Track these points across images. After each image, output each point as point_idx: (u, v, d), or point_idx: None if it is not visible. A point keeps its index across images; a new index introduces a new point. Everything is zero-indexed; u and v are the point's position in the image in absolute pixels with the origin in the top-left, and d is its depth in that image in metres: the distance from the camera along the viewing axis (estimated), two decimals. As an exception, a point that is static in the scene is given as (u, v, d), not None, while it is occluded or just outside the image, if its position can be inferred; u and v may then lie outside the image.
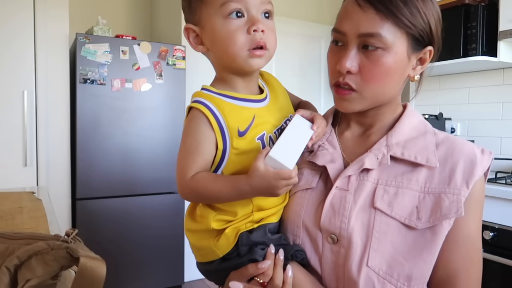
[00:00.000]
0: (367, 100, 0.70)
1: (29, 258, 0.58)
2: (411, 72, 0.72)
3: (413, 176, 0.68)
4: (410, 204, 0.66)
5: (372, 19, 0.64)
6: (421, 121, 0.76)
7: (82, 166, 2.51)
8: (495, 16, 2.09)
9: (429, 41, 0.70)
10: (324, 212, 0.68)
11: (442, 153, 0.69)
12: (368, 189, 0.68)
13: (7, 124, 2.30)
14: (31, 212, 1.42)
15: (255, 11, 0.64)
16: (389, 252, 0.65)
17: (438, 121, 2.50)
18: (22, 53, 2.33)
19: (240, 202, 0.67)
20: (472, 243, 0.67)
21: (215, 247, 0.69)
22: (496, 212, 1.82)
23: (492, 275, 1.84)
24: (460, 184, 0.66)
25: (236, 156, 0.67)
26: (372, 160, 0.69)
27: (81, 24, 3.01)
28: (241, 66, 0.66)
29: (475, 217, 0.68)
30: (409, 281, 0.64)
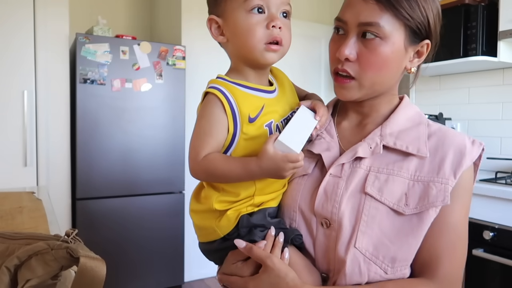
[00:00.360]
0: (365, 88, 0.72)
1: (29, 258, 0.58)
2: (408, 64, 0.74)
3: (404, 165, 0.71)
4: (400, 190, 0.69)
5: (372, 9, 0.68)
6: (417, 113, 0.78)
7: (82, 166, 2.51)
8: (495, 16, 2.09)
9: (427, 34, 0.72)
10: (317, 198, 0.72)
11: (433, 143, 0.72)
12: (360, 176, 0.72)
13: (7, 124, 2.30)
14: (31, 212, 1.42)
15: (275, 9, 0.70)
16: (376, 235, 0.68)
17: (438, 121, 2.50)
18: (22, 53, 2.33)
19: (243, 184, 0.71)
20: (456, 230, 0.69)
21: (217, 227, 0.73)
22: (496, 212, 1.82)
23: (492, 275, 1.84)
24: (448, 173, 0.69)
25: (245, 141, 0.71)
26: (365, 149, 0.73)
27: (81, 24, 3.01)
28: (257, 58, 0.71)
29: (462, 205, 0.70)
30: (393, 262, 0.67)
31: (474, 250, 1.87)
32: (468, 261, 1.95)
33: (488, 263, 1.84)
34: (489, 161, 2.35)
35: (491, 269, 1.84)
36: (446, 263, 0.68)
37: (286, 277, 0.66)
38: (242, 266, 0.71)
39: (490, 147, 2.40)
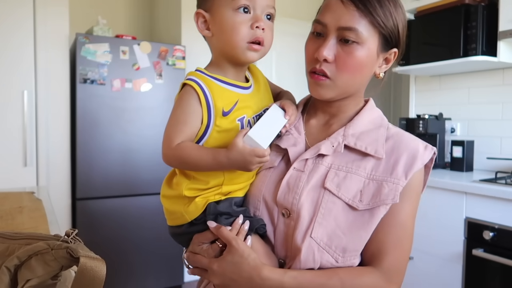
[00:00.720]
0: (338, 88, 0.77)
1: (29, 258, 0.58)
2: (377, 69, 0.80)
3: (362, 164, 0.77)
4: (356, 187, 0.75)
5: (351, 14, 0.72)
6: (379, 116, 0.85)
7: (82, 166, 2.51)
8: (495, 16, 2.09)
9: (396, 43, 0.78)
10: (280, 189, 0.78)
11: (389, 146, 0.78)
12: (322, 172, 0.77)
13: (7, 124, 2.30)
14: (31, 212, 1.42)
15: (260, 11, 0.73)
16: (331, 226, 0.74)
17: (438, 121, 2.50)
18: (22, 52, 2.33)
19: (213, 173, 0.76)
20: (404, 227, 0.76)
21: (185, 212, 0.77)
22: (496, 212, 1.82)
23: (492, 275, 1.84)
24: (400, 174, 0.75)
25: (217, 133, 0.75)
26: (328, 147, 0.78)
27: (81, 24, 3.01)
28: (238, 55, 0.74)
29: (410, 205, 0.77)
30: (344, 252, 0.74)
31: (474, 250, 1.87)
32: (468, 261, 1.96)
33: (488, 263, 1.84)
34: (489, 161, 2.35)
35: (491, 269, 1.84)
36: (392, 256, 0.74)
37: (248, 257, 0.71)
38: (207, 248, 0.76)
39: (490, 147, 2.40)
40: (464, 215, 1.94)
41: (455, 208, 1.97)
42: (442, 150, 2.53)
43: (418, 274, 2.15)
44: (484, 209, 1.86)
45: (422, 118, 2.45)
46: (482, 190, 1.85)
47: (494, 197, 1.82)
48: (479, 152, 2.42)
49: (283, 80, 3.14)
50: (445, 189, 2.01)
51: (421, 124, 2.45)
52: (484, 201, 1.86)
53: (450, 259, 2.00)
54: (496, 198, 1.81)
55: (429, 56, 2.32)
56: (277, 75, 3.26)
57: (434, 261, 2.07)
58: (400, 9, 0.77)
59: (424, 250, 2.12)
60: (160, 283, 2.76)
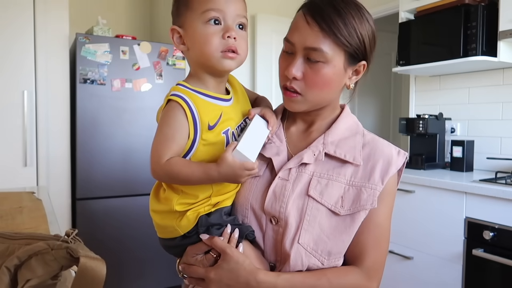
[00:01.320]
0: (310, 102, 0.82)
1: (29, 258, 0.58)
2: (347, 81, 0.84)
3: (342, 171, 0.82)
4: (337, 193, 0.80)
5: (316, 35, 0.76)
6: (354, 122, 0.89)
7: (82, 166, 2.51)
8: (495, 16, 2.09)
9: (363, 57, 0.82)
10: (267, 198, 0.81)
11: (366, 152, 0.84)
12: (305, 180, 0.82)
13: (7, 124, 2.30)
14: (31, 212, 1.42)
15: (231, 22, 0.75)
16: (317, 232, 0.79)
17: (438, 121, 2.50)
18: (22, 53, 2.33)
19: (201, 187, 0.78)
20: (381, 228, 0.82)
21: (178, 226, 0.79)
22: (496, 212, 1.82)
23: (492, 275, 1.84)
24: (377, 180, 0.80)
25: (204, 146, 0.77)
26: (310, 156, 0.82)
27: (81, 24, 3.01)
28: (215, 65, 0.76)
29: (386, 207, 0.82)
30: (329, 256, 0.79)
31: (474, 250, 1.87)
32: (468, 261, 1.95)
33: (488, 263, 1.84)
34: (489, 161, 2.35)
35: (491, 269, 1.84)
36: (371, 255, 0.80)
37: (244, 263, 0.76)
38: (202, 259, 0.80)
39: (490, 147, 2.40)
40: (464, 215, 1.94)
41: (455, 208, 1.97)
42: (442, 150, 2.53)
43: (418, 274, 2.15)
44: (484, 209, 1.86)
45: (422, 118, 2.45)
46: (482, 190, 1.85)
47: (494, 197, 1.82)
48: (479, 152, 2.42)
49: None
50: (445, 189, 2.01)
51: (421, 124, 2.45)
52: (484, 201, 1.86)
53: (450, 259, 2.00)
54: (496, 198, 1.81)
55: (429, 56, 2.32)
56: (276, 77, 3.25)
57: (434, 261, 2.07)
58: (366, 22, 0.79)
59: (424, 250, 2.12)
60: (161, 283, 2.76)
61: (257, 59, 3.18)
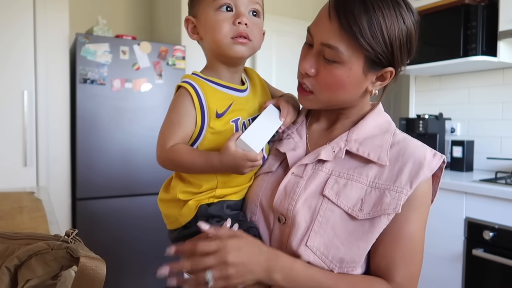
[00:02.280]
0: (322, 102, 0.76)
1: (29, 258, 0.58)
2: (369, 86, 0.75)
3: (364, 171, 0.73)
4: (357, 195, 0.71)
5: (334, 31, 0.68)
6: (386, 121, 0.80)
7: (82, 166, 2.51)
8: (495, 16, 2.09)
9: (389, 63, 0.71)
10: (277, 195, 0.75)
11: (394, 152, 0.74)
12: (321, 178, 0.74)
13: (7, 124, 2.30)
14: (31, 212, 1.43)
15: (243, 8, 0.73)
16: (329, 235, 0.70)
17: (438, 121, 2.50)
18: (22, 53, 2.33)
19: (206, 177, 0.76)
20: (413, 241, 0.72)
21: (179, 215, 0.78)
22: (496, 212, 1.82)
23: (492, 275, 1.84)
24: (404, 183, 0.70)
25: (211, 135, 0.75)
26: (328, 152, 0.75)
27: (81, 24, 3.00)
28: (226, 51, 0.74)
29: (418, 216, 0.72)
30: (341, 263, 0.70)
31: (474, 250, 1.87)
32: (468, 261, 1.95)
33: (488, 263, 1.84)
34: (489, 161, 2.35)
35: (491, 269, 1.84)
36: (402, 270, 0.70)
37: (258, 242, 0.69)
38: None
39: (490, 147, 2.40)
40: (464, 215, 1.94)
41: (455, 208, 1.97)
42: (442, 150, 2.53)
43: (418, 274, 2.15)
44: (484, 209, 1.86)
45: (422, 118, 2.45)
46: (482, 190, 1.85)
47: (494, 197, 1.82)
48: (479, 152, 2.42)
49: (283, 82, 3.14)
50: (445, 189, 2.01)
51: (421, 124, 2.45)
52: (484, 201, 1.86)
53: (450, 259, 2.00)
54: (496, 198, 1.81)
55: (429, 56, 2.32)
56: (277, 76, 3.26)
57: (434, 261, 2.07)
58: (401, 23, 0.69)
59: (424, 250, 2.12)
60: (160, 283, 2.76)
61: (257, 59, 3.18)
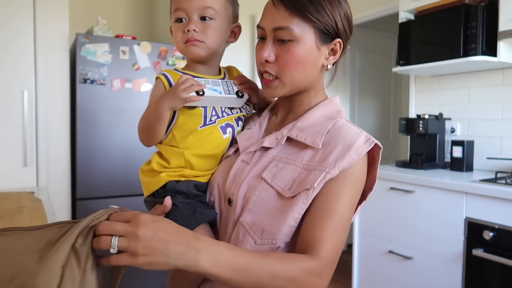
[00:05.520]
0: (287, 85, 0.81)
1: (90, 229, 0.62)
2: (324, 61, 0.82)
3: (300, 155, 0.80)
4: (290, 177, 0.77)
5: (282, 15, 0.77)
6: (336, 110, 0.85)
7: (82, 166, 2.51)
8: (495, 16, 2.09)
9: (336, 34, 0.80)
10: (228, 180, 0.84)
11: (329, 137, 0.80)
12: (264, 163, 0.82)
13: (7, 124, 2.30)
14: (31, 212, 1.43)
15: (194, 16, 0.85)
16: (260, 212, 0.77)
17: (438, 121, 2.50)
18: (22, 53, 2.33)
19: (174, 152, 0.86)
20: (340, 218, 0.74)
21: (151, 183, 0.88)
22: (496, 212, 1.82)
23: (492, 275, 1.84)
24: (329, 163, 0.75)
25: (183, 117, 0.85)
26: (272, 140, 0.83)
27: (81, 24, 3.00)
28: (185, 53, 0.89)
29: (347, 196, 0.76)
30: (262, 234, 0.76)
31: (474, 250, 1.87)
32: (468, 261, 1.96)
33: (488, 263, 1.84)
34: (489, 161, 2.35)
35: (491, 269, 1.84)
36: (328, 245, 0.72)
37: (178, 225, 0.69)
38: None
39: (490, 147, 2.39)
40: (464, 215, 1.94)
41: (455, 208, 1.97)
42: (442, 150, 2.53)
43: (418, 274, 2.15)
44: (484, 209, 1.86)
45: (422, 118, 2.45)
46: (482, 190, 1.85)
47: (494, 197, 1.82)
48: (479, 152, 2.42)
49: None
50: (445, 189, 2.01)
51: (421, 124, 2.44)
52: (484, 201, 1.86)
53: (450, 259, 2.00)
54: (496, 198, 1.81)
55: (429, 56, 2.32)
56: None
57: (434, 261, 2.07)
58: (337, 1, 0.79)
59: (424, 250, 2.12)
60: (161, 283, 2.76)
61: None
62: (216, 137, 0.87)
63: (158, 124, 0.83)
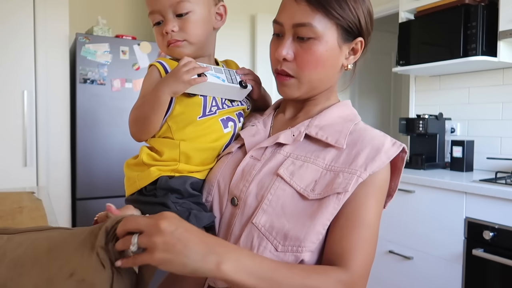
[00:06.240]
0: (304, 85, 0.76)
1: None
2: (344, 61, 0.77)
3: (322, 154, 0.73)
4: (311, 177, 0.70)
5: (304, 10, 0.71)
6: (352, 113, 0.81)
7: (82, 166, 2.51)
8: (495, 16, 2.09)
9: (359, 32, 0.76)
10: (235, 177, 0.75)
11: (353, 138, 0.74)
12: (278, 160, 0.74)
13: (7, 124, 2.30)
14: (31, 212, 1.42)
15: (168, 16, 0.78)
16: (277, 214, 0.69)
17: (438, 121, 2.50)
18: (22, 53, 2.33)
19: (168, 144, 0.77)
20: (370, 228, 0.69)
21: (138, 178, 0.77)
22: (496, 212, 1.82)
23: (492, 275, 1.84)
24: (359, 166, 0.70)
25: (180, 106, 0.77)
26: (288, 136, 0.76)
27: (81, 24, 3.00)
28: (171, 55, 0.82)
29: (376, 203, 0.71)
30: (284, 240, 0.67)
31: (474, 250, 1.87)
32: (468, 261, 1.95)
33: (488, 263, 1.84)
34: (489, 161, 2.35)
35: (491, 269, 1.84)
36: (359, 256, 0.66)
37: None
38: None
39: (490, 147, 2.39)
40: (464, 215, 1.94)
41: (455, 208, 1.97)
42: (442, 150, 2.53)
43: (418, 274, 2.15)
44: (484, 209, 1.86)
45: (422, 118, 2.45)
46: (482, 190, 1.85)
47: (494, 197, 1.82)
48: (479, 152, 2.42)
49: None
50: (445, 189, 2.01)
51: (421, 124, 2.44)
52: (484, 201, 1.86)
53: (450, 259, 2.00)
54: (496, 198, 1.81)
55: (429, 56, 2.32)
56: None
57: (434, 261, 2.07)
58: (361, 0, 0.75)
59: (424, 250, 2.12)
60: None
61: (257, 58, 3.18)
62: (216, 129, 0.79)
63: (155, 113, 0.75)
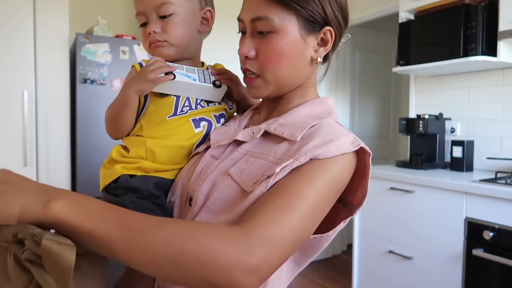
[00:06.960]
0: (271, 84, 0.72)
1: None
2: (313, 54, 0.72)
3: (274, 149, 0.68)
4: (259, 172, 0.65)
5: (260, 3, 0.68)
6: (326, 111, 0.74)
7: (82, 166, 2.51)
8: (495, 16, 2.09)
9: (325, 22, 0.70)
10: (193, 176, 0.72)
11: (310, 131, 0.68)
12: (234, 158, 0.71)
13: (7, 124, 2.30)
14: (31, 212, 1.42)
15: (152, 17, 0.80)
16: (220, 211, 0.65)
17: (438, 121, 2.50)
18: (22, 53, 2.33)
19: (136, 141, 0.77)
20: (302, 199, 0.59)
21: (103, 175, 0.77)
22: (496, 212, 1.82)
23: (492, 275, 1.84)
24: (302, 152, 0.63)
25: (153, 105, 0.78)
26: (247, 133, 0.73)
27: (81, 24, 3.00)
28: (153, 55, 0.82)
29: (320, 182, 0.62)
30: None
31: (474, 250, 1.87)
32: (468, 261, 1.95)
33: (488, 263, 1.84)
34: (489, 161, 2.35)
35: (491, 269, 1.84)
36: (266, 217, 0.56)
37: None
38: None
39: (490, 147, 2.39)
40: (464, 215, 1.94)
41: (455, 208, 1.97)
42: (442, 150, 2.53)
43: (418, 274, 2.15)
44: (484, 209, 1.86)
45: (422, 118, 2.45)
46: (482, 190, 1.85)
47: (494, 197, 1.82)
48: (479, 152, 2.42)
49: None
50: (445, 189, 2.01)
51: (421, 124, 2.44)
52: (484, 201, 1.86)
53: (450, 259, 2.00)
54: (496, 198, 1.81)
55: (429, 56, 2.32)
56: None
57: (434, 261, 2.07)
58: None
59: (424, 250, 2.12)
60: (160, 283, 2.76)
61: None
62: (186, 129, 0.77)
63: (124, 112, 0.75)
